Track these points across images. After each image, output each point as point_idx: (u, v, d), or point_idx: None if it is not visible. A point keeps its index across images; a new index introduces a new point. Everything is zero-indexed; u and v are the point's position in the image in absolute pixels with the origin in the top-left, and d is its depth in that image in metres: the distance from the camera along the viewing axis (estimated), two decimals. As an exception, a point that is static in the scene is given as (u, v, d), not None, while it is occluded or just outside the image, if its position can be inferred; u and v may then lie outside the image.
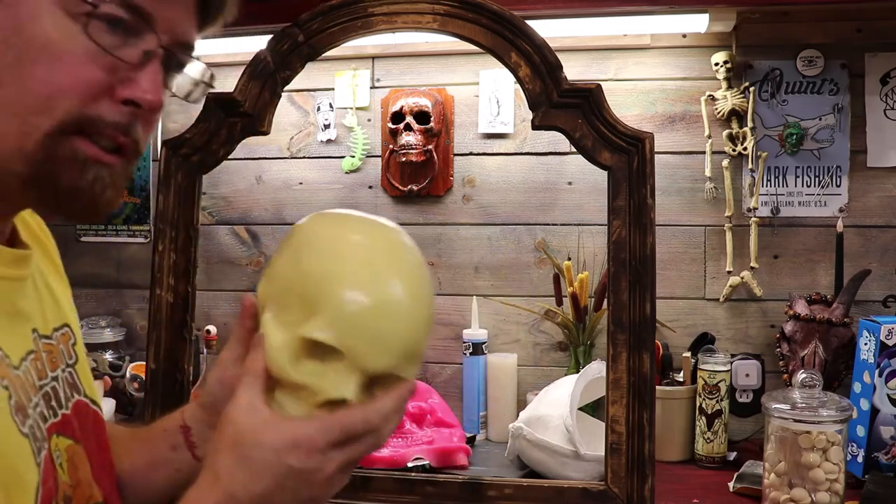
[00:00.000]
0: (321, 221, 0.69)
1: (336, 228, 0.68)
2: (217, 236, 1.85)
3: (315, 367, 0.63)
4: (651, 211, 1.19)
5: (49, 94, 0.57)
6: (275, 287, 0.67)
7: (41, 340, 0.68)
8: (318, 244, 0.66)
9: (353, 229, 0.67)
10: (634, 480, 1.16)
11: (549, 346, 1.72)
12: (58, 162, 0.58)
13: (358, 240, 0.66)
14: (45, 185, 0.59)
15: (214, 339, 1.73)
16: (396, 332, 0.64)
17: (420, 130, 1.69)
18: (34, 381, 0.65)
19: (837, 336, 1.47)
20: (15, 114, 0.56)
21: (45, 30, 0.56)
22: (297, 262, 0.66)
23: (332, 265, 0.64)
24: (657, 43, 1.66)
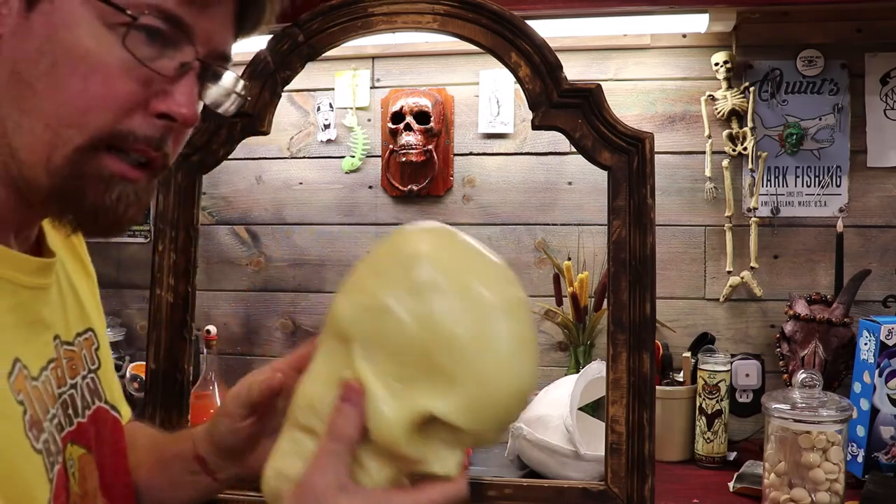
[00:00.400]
0: (448, 253, 0.57)
1: (470, 278, 0.56)
2: (217, 236, 1.85)
3: (425, 440, 0.55)
4: (651, 211, 1.19)
5: (83, 107, 0.55)
6: (382, 325, 0.54)
7: (63, 347, 0.67)
8: (457, 298, 0.54)
9: (487, 281, 0.57)
10: (634, 480, 1.16)
11: (549, 346, 1.72)
12: (84, 178, 0.57)
13: (498, 304, 0.56)
14: (68, 200, 0.58)
15: (214, 339, 1.73)
16: (517, 414, 0.58)
17: (420, 130, 1.69)
18: (53, 389, 0.63)
19: (837, 336, 1.47)
20: (47, 125, 0.55)
21: (82, 39, 0.55)
22: (428, 312, 0.53)
23: (482, 339, 0.54)
24: (657, 43, 1.66)
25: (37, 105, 0.55)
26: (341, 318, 0.56)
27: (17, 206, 0.59)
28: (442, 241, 0.59)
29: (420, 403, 0.53)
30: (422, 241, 0.57)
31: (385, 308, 0.54)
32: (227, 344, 1.83)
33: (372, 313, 0.55)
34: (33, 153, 0.56)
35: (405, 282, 0.55)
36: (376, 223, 1.78)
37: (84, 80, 0.55)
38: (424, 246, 0.57)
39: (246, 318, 1.84)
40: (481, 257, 0.59)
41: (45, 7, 0.55)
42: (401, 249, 0.57)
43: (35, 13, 0.55)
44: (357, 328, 0.55)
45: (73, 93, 0.55)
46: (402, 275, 0.55)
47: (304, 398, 0.58)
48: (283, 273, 1.82)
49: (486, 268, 0.58)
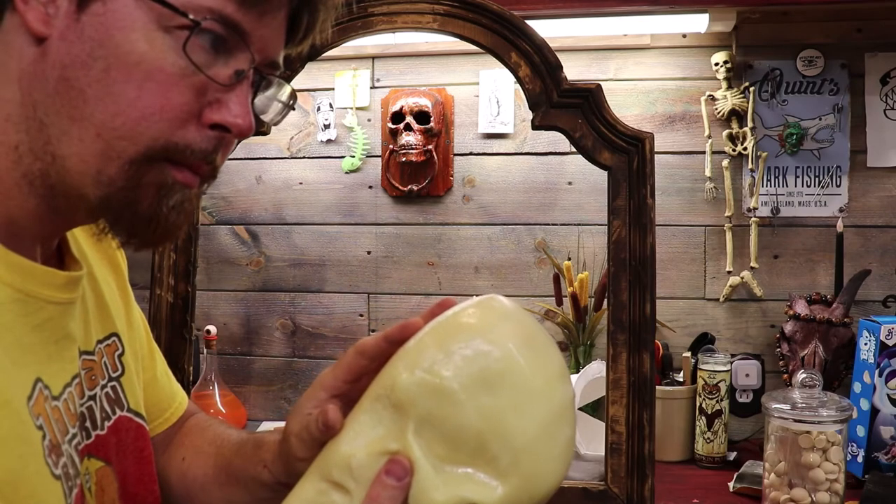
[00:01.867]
0: (522, 345, 0.55)
1: (540, 375, 0.55)
2: (217, 236, 1.85)
3: None
4: (651, 211, 1.19)
5: (137, 116, 0.53)
6: (441, 409, 0.53)
7: (82, 358, 0.64)
8: (525, 396, 0.54)
9: (553, 380, 0.56)
10: (634, 480, 1.16)
11: (549, 346, 1.72)
12: (140, 188, 0.54)
13: (559, 407, 0.55)
14: (122, 210, 0.55)
15: (214, 338, 1.73)
16: None
17: (420, 130, 1.69)
18: (76, 407, 0.61)
19: (837, 336, 1.47)
20: (99, 135, 0.52)
21: (138, 44, 0.52)
22: (493, 406, 0.53)
23: (541, 441, 0.54)
24: (657, 43, 1.66)
25: (87, 113, 0.52)
26: (401, 391, 0.54)
27: (45, 215, 0.57)
28: (518, 332, 0.56)
29: (466, 490, 0.53)
30: (498, 330, 0.55)
31: (451, 393, 0.53)
32: (227, 344, 1.83)
33: (436, 396, 0.53)
34: (83, 162, 0.53)
35: (476, 370, 0.54)
36: (376, 223, 1.78)
37: (138, 88, 0.52)
38: (500, 336, 0.55)
39: (246, 318, 1.84)
40: (549, 349, 0.57)
41: (98, 8, 0.52)
42: (476, 332, 0.55)
43: (86, 15, 0.52)
44: (417, 406, 0.54)
45: (127, 101, 0.52)
46: (474, 362, 0.54)
47: (342, 457, 0.56)
48: (283, 273, 1.82)
49: (553, 363, 0.57)
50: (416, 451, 0.53)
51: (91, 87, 0.52)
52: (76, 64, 0.52)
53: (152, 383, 0.80)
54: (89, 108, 0.52)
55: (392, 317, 1.78)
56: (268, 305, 1.83)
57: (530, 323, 0.57)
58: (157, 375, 0.82)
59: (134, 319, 0.78)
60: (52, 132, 0.53)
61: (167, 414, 0.83)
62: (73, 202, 0.55)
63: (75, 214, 0.57)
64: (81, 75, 0.52)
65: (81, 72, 0.52)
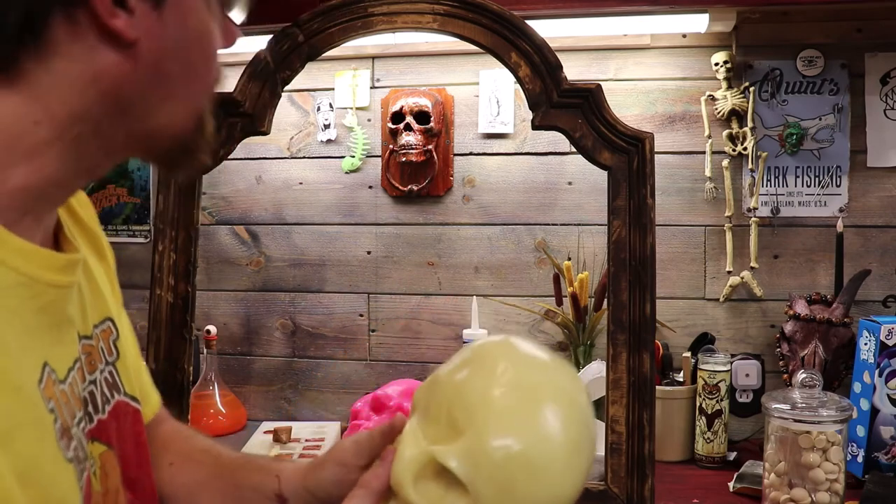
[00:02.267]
0: (508, 347, 0.62)
1: (520, 360, 0.61)
2: (217, 236, 1.85)
3: (436, 493, 0.58)
4: (651, 211, 1.19)
5: (212, 81, 0.63)
6: (432, 393, 0.62)
7: (81, 342, 0.65)
8: (493, 368, 0.60)
9: (538, 369, 0.61)
10: (634, 480, 1.16)
11: (549, 346, 1.72)
12: (203, 128, 0.64)
13: (537, 381, 0.60)
14: (187, 148, 0.64)
15: (214, 338, 1.73)
16: (533, 496, 0.56)
17: (420, 130, 1.69)
18: (79, 391, 0.63)
19: (837, 336, 1.47)
20: (186, 105, 0.62)
21: (204, 23, 0.61)
22: (462, 375, 0.60)
23: (496, 395, 0.58)
24: (657, 43, 1.66)
25: (175, 92, 0.60)
26: (415, 397, 0.66)
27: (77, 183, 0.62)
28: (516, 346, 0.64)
29: (431, 451, 0.59)
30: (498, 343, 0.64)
31: (439, 379, 0.63)
32: (227, 344, 1.83)
33: (431, 384, 0.64)
34: (168, 127, 0.61)
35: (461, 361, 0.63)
36: (376, 223, 1.78)
37: (209, 59, 0.62)
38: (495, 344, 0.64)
39: (246, 318, 1.84)
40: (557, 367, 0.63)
41: (172, 3, 0.58)
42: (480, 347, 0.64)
43: (165, 12, 0.57)
44: (419, 399, 0.65)
45: (205, 72, 0.62)
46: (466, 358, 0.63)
47: None
48: (283, 273, 1.82)
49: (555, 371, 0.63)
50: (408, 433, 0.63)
51: (180, 71, 0.60)
52: (167, 56, 0.58)
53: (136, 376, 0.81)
54: (178, 88, 0.60)
55: (392, 317, 1.78)
56: (268, 305, 1.83)
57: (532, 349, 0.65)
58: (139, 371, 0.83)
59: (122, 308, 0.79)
60: (134, 117, 0.59)
61: (144, 410, 0.82)
62: (123, 157, 0.63)
63: (107, 169, 0.62)
64: (171, 64, 0.59)
65: (172, 62, 0.59)
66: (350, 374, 1.80)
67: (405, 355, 1.78)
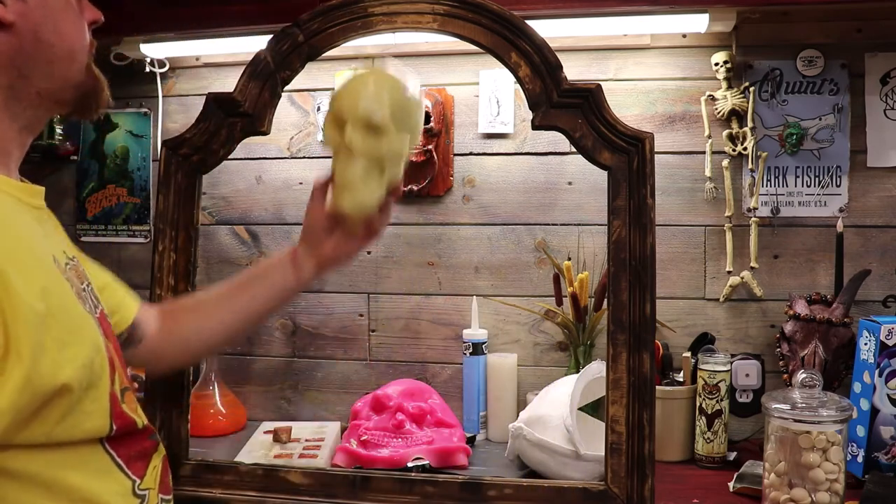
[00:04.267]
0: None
1: None
2: (217, 236, 1.85)
3: None
4: (651, 211, 1.19)
5: (80, 38, 0.85)
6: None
7: (70, 260, 0.85)
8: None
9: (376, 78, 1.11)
10: (634, 480, 1.16)
11: (549, 346, 1.72)
12: (94, 78, 0.87)
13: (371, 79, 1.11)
14: (86, 95, 0.87)
15: (214, 339, 1.73)
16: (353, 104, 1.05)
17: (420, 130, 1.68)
18: (78, 284, 0.83)
19: (837, 336, 1.47)
20: (70, 61, 0.84)
21: (60, 1, 0.83)
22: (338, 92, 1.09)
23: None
24: (657, 43, 1.66)
25: (55, 54, 0.82)
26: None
27: (24, 135, 0.83)
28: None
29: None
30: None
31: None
32: (227, 344, 1.83)
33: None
34: (64, 80, 0.84)
35: None
36: (376, 223, 1.77)
37: (72, 23, 0.84)
38: None
39: (246, 318, 1.84)
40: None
41: None
42: None
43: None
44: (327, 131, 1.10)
45: (73, 32, 0.84)
46: None
47: None
48: (283, 273, 1.82)
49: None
50: None
51: (52, 37, 0.82)
52: (40, 29, 0.80)
53: (107, 287, 1.05)
54: (56, 49, 0.82)
55: (392, 317, 1.78)
56: (268, 305, 1.83)
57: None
58: (109, 282, 1.07)
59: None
60: (35, 79, 0.81)
61: (125, 314, 1.07)
62: (48, 112, 0.86)
63: (43, 122, 0.87)
64: (46, 32, 0.81)
65: (45, 29, 0.81)
66: (350, 374, 1.80)
67: (405, 355, 1.78)
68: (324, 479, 1.25)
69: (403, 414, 1.51)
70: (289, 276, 1.11)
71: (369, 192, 1.05)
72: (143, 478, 0.82)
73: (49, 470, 0.71)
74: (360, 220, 1.07)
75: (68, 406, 0.71)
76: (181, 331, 1.12)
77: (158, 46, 1.71)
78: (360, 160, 1.03)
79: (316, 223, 1.10)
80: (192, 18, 1.50)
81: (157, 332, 1.10)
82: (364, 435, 1.48)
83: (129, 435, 0.80)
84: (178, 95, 1.85)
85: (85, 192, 1.91)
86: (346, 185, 1.05)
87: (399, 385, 1.60)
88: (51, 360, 0.69)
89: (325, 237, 1.10)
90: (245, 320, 1.12)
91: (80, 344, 0.74)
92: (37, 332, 0.68)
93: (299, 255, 1.11)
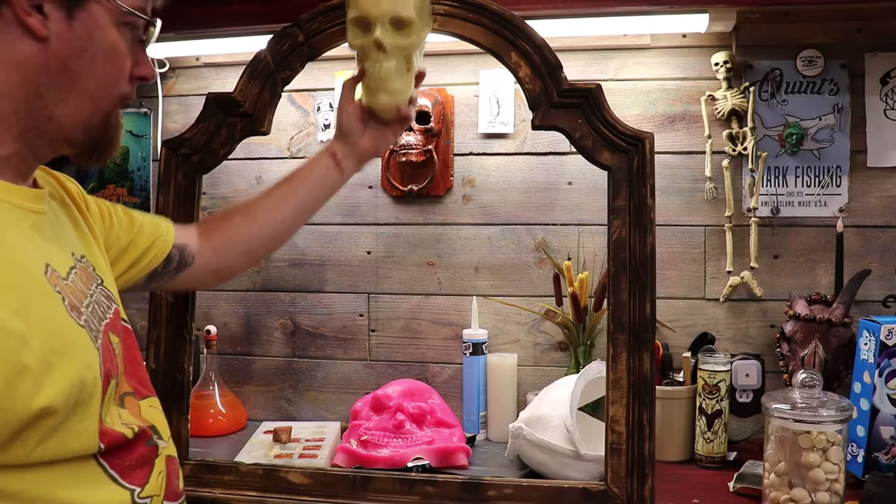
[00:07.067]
0: None
1: None
2: (217, 236, 1.85)
3: None
4: (651, 211, 1.19)
5: (112, 83, 0.81)
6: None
7: (78, 262, 0.84)
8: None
9: None
10: (634, 480, 1.16)
11: (549, 346, 1.72)
12: (109, 126, 0.82)
13: None
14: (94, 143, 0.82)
15: (214, 338, 1.73)
16: None
17: (420, 130, 1.69)
18: (83, 288, 0.81)
19: (837, 336, 1.47)
20: (90, 100, 0.79)
21: (109, 36, 0.79)
22: None
23: None
24: (657, 43, 1.66)
25: (81, 86, 0.78)
26: None
27: (30, 158, 0.80)
28: None
29: None
30: None
31: None
32: (227, 344, 1.83)
33: None
34: (76, 117, 0.79)
35: None
36: (376, 223, 1.78)
37: (112, 65, 0.80)
38: None
39: (246, 318, 1.84)
40: None
41: (82, 15, 0.76)
42: None
43: (77, 20, 0.76)
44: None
45: (106, 74, 0.80)
46: None
47: None
48: (283, 273, 1.82)
49: None
50: None
51: (84, 69, 0.77)
52: (74, 56, 0.76)
53: (140, 229, 1.07)
54: (82, 83, 0.78)
55: (392, 317, 1.78)
56: (268, 305, 1.83)
57: None
58: (141, 223, 1.08)
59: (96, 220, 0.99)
60: (50, 101, 0.77)
61: (166, 237, 1.11)
62: (55, 145, 0.80)
63: (49, 153, 0.82)
64: (77, 62, 0.77)
65: (77, 60, 0.77)
66: (350, 374, 1.80)
67: (405, 355, 1.78)
68: (324, 479, 1.25)
69: (403, 414, 1.51)
70: (333, 173, 1.20)
71: (404, 84, 1.16)
72: (146, 485, 0.79)
73: (36, 486, 0.68)
74: (395, 113, 1.17)
75: (52, 427, 0.68)
76: (234, 238, 1.18)
77: (158, 46, 1.71)
78: (392, 56, 1.13)
79: (351, 121, 1.19)
80: (191, 18, 1.50)
81: (205, 248, 1.15)
82: (364, 435, 1.48)
83: (120, 447, 0.77)
84: (178, 95, 1.85)
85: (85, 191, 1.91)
86: (381, 81, 1.14)
87: (399, 385, 1.60)
88: (29, 383, 0.65)
89: (361, 132, 1.20)
90: (295, 218, 1.21)
91: (67, 364, 0.70)
92: (11, 353, 0.64)
93: (339, 152, 1.20)
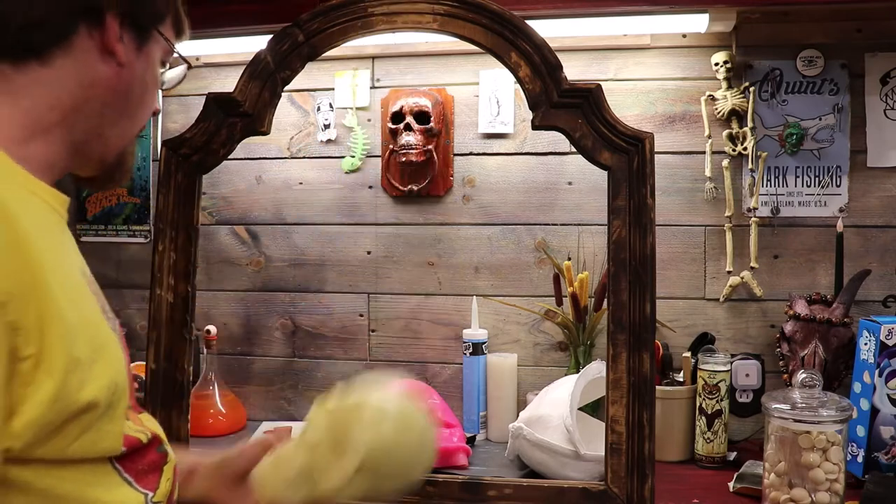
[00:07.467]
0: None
1: None
2: (217, 236, 1.85)
3: None
4: (651, 211, 1.19)
5: (149, 113, 0.86)
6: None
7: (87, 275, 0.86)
8: None
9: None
10: (634, 480, 1.16)
11: (549, 346, 1.72)
12: (129, 154, 0.87)
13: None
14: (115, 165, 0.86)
15: (214, 339, 1.73)
16: None
17: (420, 130, 1.69)
18: (102, 299, 0.82)
19: (837, 336, 1.47)
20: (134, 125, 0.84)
21: (157, 71, 0.85)
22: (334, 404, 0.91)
23: None
24: (657, 43, 1.66)
25: (132, 112, 0.83)
26: None
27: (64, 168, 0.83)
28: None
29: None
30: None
31: None
32: (227, 344, 1.83)
33: None
34: (119, 139, 0.83)
35: None
36: (376, 223, 1.78)
37: (152, 96, 0.86)
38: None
39: (246, 318, 1.84)
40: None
41: (148, 48, 0.82)
42: None
43: (142, 55, 0.81)
44: None
45: (149, 104, 0.85)
46: None
47: None
48: (283, 273, 1.82)
49: None
50: None
51: (137, 98, 0.83)
52: (135, 85, 0.82)
53: None
54: (133, 109, 0.83)
55: (392, 317, 1.78)
56: (268, 305, 1.83)
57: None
58: None
59: None
60: (107, 121, 0.81)
61: None
62: (89, 162, 0.84)
63: (74, 169, 0.84)
64: (136, 90, 0.82)
65: (137, 88, 0.82)
66: (350, 374, 1.80)
67: (405, 355, 1.78)
68: (324, 479, 1.25)
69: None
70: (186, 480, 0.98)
71: (290, 494, 0.88)
72: (156, 490, 0.81)
73: (65, 484, 0.69)
74: None
75: (89, 423, 0.69)
76: None
77: (158, 46, 1.71)
78: (305, 469, 0.86)
79: (238, 466, 0.99)
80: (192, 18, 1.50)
81: None
82: (364, 435, 1.48)
83: (134, 451, 0.79)
84: (178, 95, 1.85)
85: (85, 192, 1.91)
86: (276, 475, 0.90)
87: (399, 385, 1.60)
88: (79, 376, 0.67)
89: (237, 484, 0.98)
90: None
91: (106, 362, 0.72)
92: (69, 344, 0.66)
93: (203, 471, 1.00)
